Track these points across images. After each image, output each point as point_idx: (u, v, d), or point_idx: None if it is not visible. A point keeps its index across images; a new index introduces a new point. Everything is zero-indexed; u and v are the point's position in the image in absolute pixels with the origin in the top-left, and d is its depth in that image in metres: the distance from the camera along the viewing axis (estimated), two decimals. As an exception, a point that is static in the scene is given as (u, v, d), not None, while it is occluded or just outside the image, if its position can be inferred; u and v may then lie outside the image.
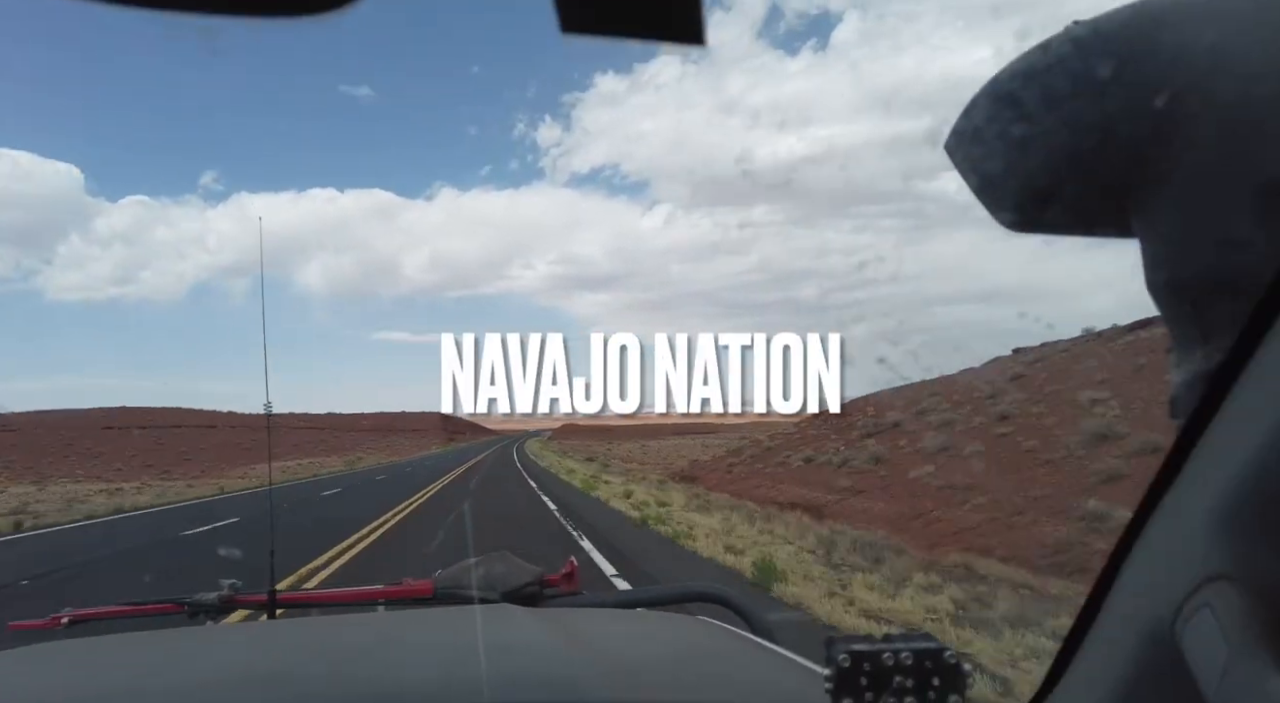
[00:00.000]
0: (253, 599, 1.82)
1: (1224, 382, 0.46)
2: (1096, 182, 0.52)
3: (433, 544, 11.03)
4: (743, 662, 1.27)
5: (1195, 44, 0.48)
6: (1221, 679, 0.43)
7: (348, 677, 1.11)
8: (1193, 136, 0.48)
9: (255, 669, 1.17)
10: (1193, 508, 0.49)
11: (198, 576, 2.26)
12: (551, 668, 1.10)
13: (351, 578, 7.30)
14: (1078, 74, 0.51)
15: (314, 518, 17.44)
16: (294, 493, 28.36)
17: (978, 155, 0.57)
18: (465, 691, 0.99)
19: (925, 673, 0.66)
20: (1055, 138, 0.52)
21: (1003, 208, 0.57)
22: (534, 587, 1.78)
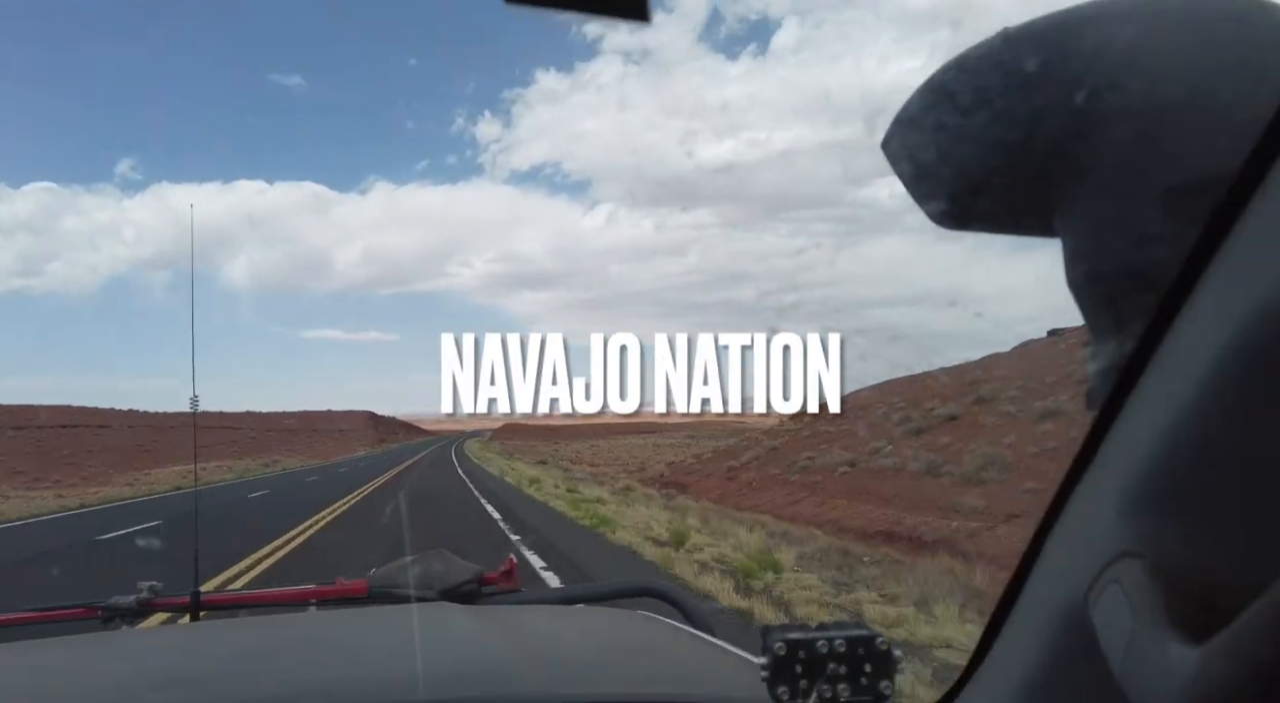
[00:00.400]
0: (174, 602, 1.73)
1: (1134, 371, 0.48)
2: (1023, 174, 0.55)
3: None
4: (681, 655, 1.30)
5: (1114, 45, 0.50)
6: (1127, 651, 0.45)
7: (276, 678, 1.08)
8: (1110, 134, 0.50)
9: (175, 672, 1.13)
10: (1105, 491, 0.51)
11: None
12: (487, 664, 1.10)
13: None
14: (1008, 70, 0.53)
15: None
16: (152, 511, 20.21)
17: (913, 145, 0.59)
18: (399, 688, 0.98)
19: (857, 660, 0.69)
20: (986, 131, 0.55)
21: (935, 198, 0.60)
22: (472, 585, 1.74)
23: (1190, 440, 0.43)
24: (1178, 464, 0.44)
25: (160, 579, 1.68)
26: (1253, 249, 0.40)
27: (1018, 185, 0.55)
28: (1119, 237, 0.51)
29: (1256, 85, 0.46)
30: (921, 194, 0.60)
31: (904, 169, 0.60)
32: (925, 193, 0.60)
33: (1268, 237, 0.39)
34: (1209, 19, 0.50)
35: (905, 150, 0.60)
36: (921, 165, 0.59)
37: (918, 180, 0.60)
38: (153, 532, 14.96)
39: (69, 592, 1.86)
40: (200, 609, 1.74)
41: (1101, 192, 0.51)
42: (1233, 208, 0.41)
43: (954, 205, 0.59)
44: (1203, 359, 0.42)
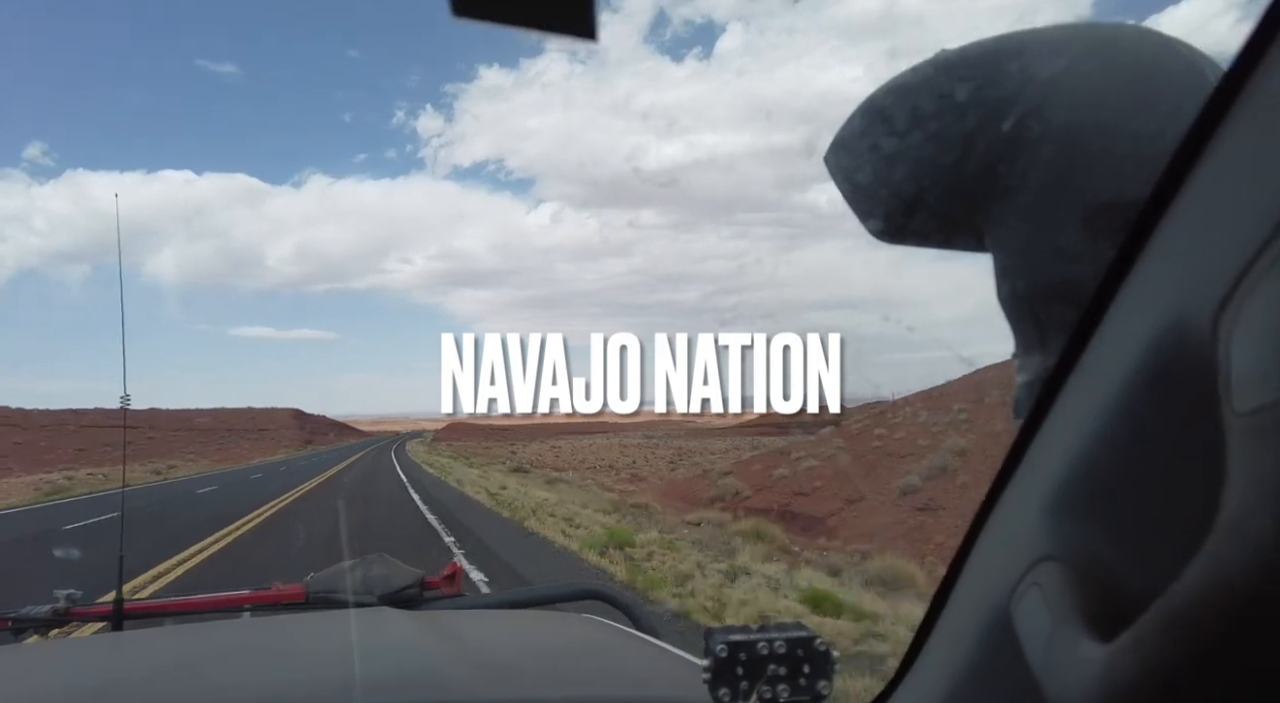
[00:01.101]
0: (95, 611, 1.69)
1: (1056, 382, 0.51)
2: (955, 193, 0.58)
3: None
4: (624, 657, 1.29)
5: (1039, 75, 0.54)
6: (1045, 651, 0.47)
7: (202, 687, 1.05)
8: (1034, 157, 0.53)
9: (93, 685, 1.07)
10: (1029, 497, 0.53)
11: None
12: (425, 669, 1.08)
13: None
14: (942, 95, 0.57)
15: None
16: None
17: (851, 165, 0.62)
18: (332, 694, 0.97)
19: (797, 661, 0.70)
20: (920, 152, 0.58)
21: (872, 215, 0.62)
22: (414, 589, 1.71)
23: (1105, 448, 0.45)
24: (1094, 471, 0.47)
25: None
26: (1162, 268, 0.43)
27: (949, 204, 0.58)
28: (1042, 255, 0.54)
29: (1167, 119, 0.50)
30: (860, 211, 0.63)
31: (844, 187, 0.63)
32: (864, 210, 0.63)
33: (1175, 257, 0.41)
34: (1128, 57, 0.54)
35: (844, 170, 0.63)
36: (859, 184, 0.62)
37: (856, 198, 0.63)
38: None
39: None
40: (124, 618, 1.64)
41: (1026, 212, 0.55)
42: (1144, 230, 0.43)
43: (890, 223, 0.61)
44: (1117, 372, 0.44)
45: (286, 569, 3.82)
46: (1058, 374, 0.51)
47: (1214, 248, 0.37)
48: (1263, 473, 0.32)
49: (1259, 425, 0.32)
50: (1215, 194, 0.39)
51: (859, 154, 0.61)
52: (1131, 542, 0.45)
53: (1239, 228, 0.35)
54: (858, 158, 0.61)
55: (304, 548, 11.76)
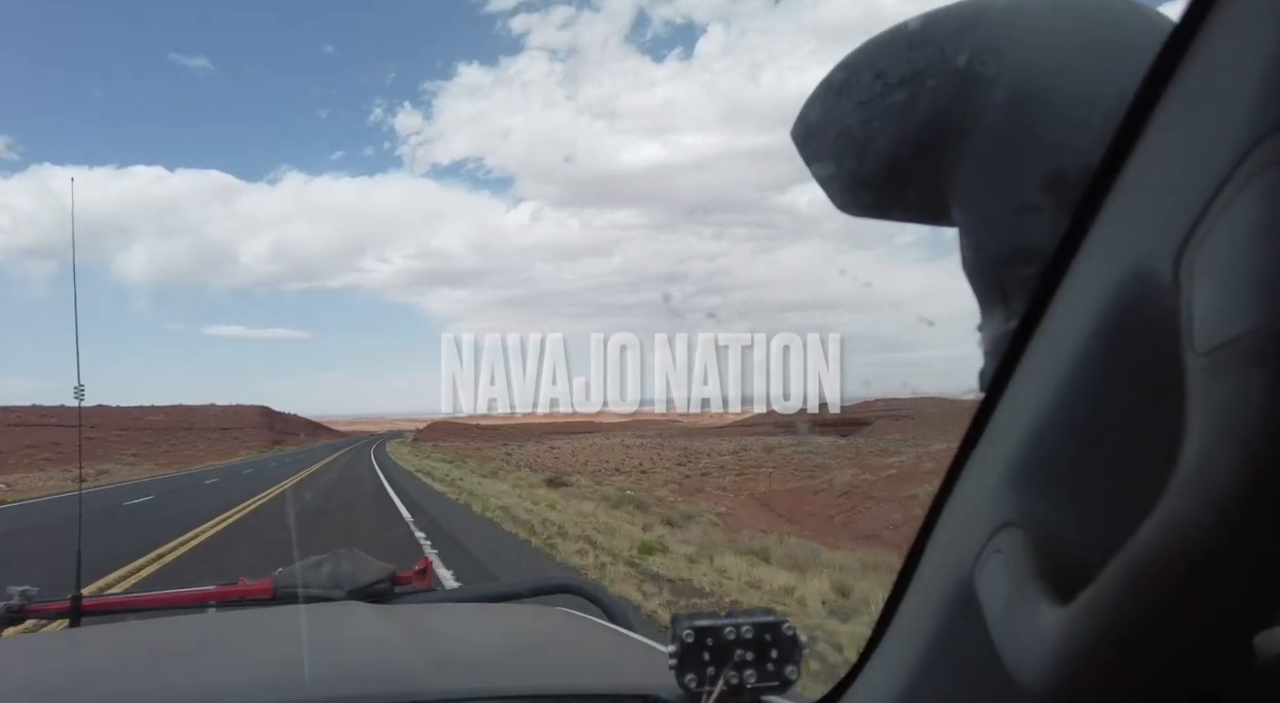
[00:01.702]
0: (51, 608, 1.64)
1: (1017, 349, 0.50)
2: (906, 137, 0.56)
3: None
4: (593, 647, 1.29)
5: (991, 11, 0.53)
6: (1005, 615, 0.47)
7: (160, 682, 1.03)
8: (988, 98, 0.52)
9: (46, 682, 1.06)
10: (991, 466, 0.52)
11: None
12: (389, 661, 1.08)
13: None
14: (895, 37, 0.57)
15: None
16: None
17: (812, 119, 0.62)
18: (289, 688, 0.95)
19: (764, 645, 0.71)
20: (870, 91, 0.57)
21: (822, 160, 0.62)
22: (384, 584, 1.68)
23: (1066, 410, 0.45)
24: (1055, 434, 0.46)
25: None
26: (1118, 230, 0.42)
27: (903, 150, 0.57)
28: (1001, 211, 0.53)
29: (1121, 68, 0.49)
30: (810, 155, 0.63)
31: (796, 132, 0.64)
32: (812, 155, 0.63)
33: (1136, 206, 0.41)
34: (1089, 13, 0.53)
35: (801, 121, 0.63)
36: (808, 127, 0.62)
37: (805, 143, 0.63)
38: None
39: None
40: (81, 615, 1.61)
41: (983, 162, 0.53)
42: (1103, 181, 0.43)
43: (839, 170, 0.61)
44: (1077, 330, 0.44)
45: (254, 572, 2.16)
46: (1018, 339, 0.50)
47: (1172, 192, 0.37)
48: (1222, 410, 0.32)
49: (1219, 362, 0.32)
50: (1173, 138, 0.38)
51: (814, 103, 0.61)
52: (1092, 503, 0.45)
53: (1196, 171, 0.35)
54: (811, 107, 0.61)
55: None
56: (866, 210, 0.62)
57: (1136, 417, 0.41)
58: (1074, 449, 0.45)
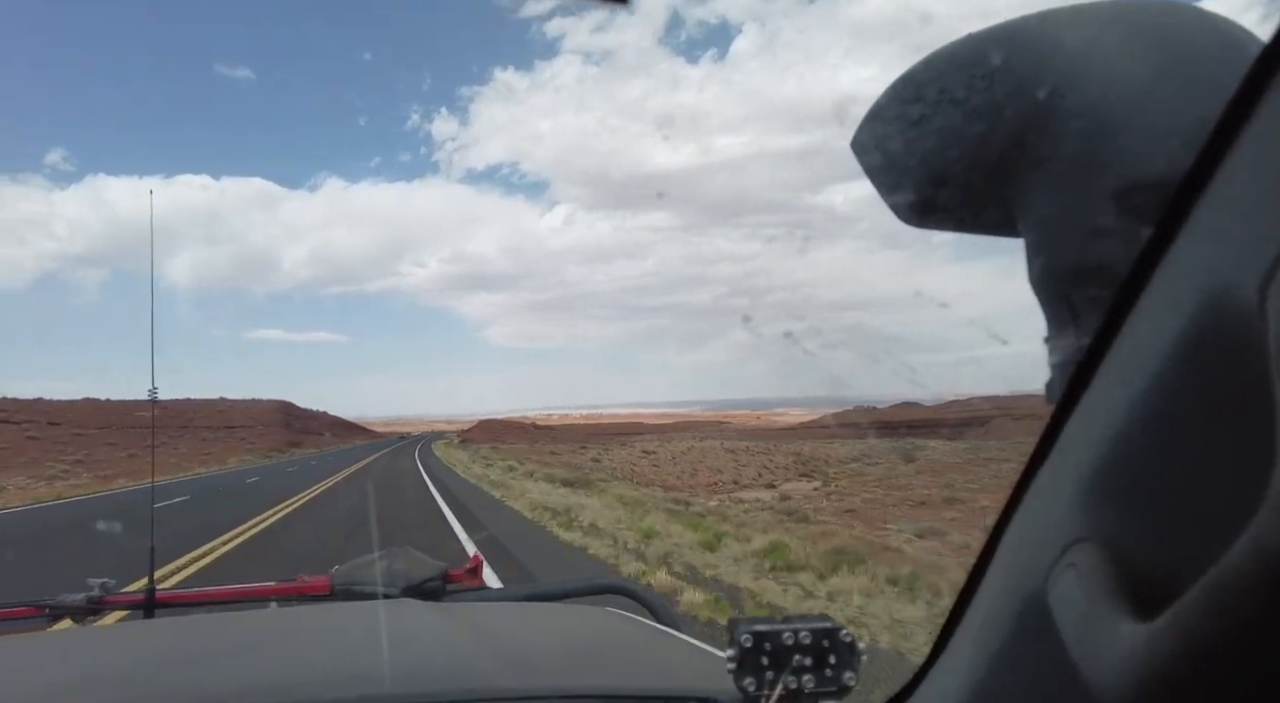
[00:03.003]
0: (127, 600, 1.71)
1: (1091, 363, 0.50)
2: (983, 165, 0.56)
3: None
4: (647, 649, 1.30)
5: (1069, 46, 0.53)
6: (1081, 631, 0.47)
7: (232, 672, 1.07)
8: (1064, 128, 0.52)
9: (126, 670, 1.10)
10: (1062, 480, 0.52)
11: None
12: (450, 659, 1.10)
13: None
14: (973, 66, 0.56)
15: None
16: None
17: (880, 137, 0.62)
18: (359, 683, 0.97)
19: (822, 651, 0.71)
20: (949, 123, 0.57)
21: (900, 190, 0.62)
22: (436, 582, 1.72)
23: (1144, 427, 0.45)
24: (1131, 452, 0.46)
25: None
26: (1203, 242, 0.42)
27: (977, 176, 0.57)
28: (1073, 232, 0.53)
29: (1198, 92, 0.49)
30: (887, 185, 0.62)
31: (871, 161, 0.63)
32: (891, 185, 0.62)
33: (1217, 230, 0.41)
34: (1159, 28, 0.53)
35: (873, 142, 0.62)
36: (888, 157, 0.61)
37: (884, 172, 0.62)
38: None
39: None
40: (155, 607, 1.69)
41: (1056, 187, 0.53)
42: (1182, 204, 0.43)
43: (918, 197, 0.60)
44: (1156, 349, 0.44)
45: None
46: (1093, 354, 0.50)
47: (1259, 218, 0.37)
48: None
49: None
50: (1261, 158, 0.38)
51: (889, 126, 0.60)
52: (1173, 522, 0.44)
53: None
54: (886, 131, 0.61)
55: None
56: (929, 225, 0.62)
57: (1219, 436, 0.41)
58: (1154, 467, 0.45)
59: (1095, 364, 0.49)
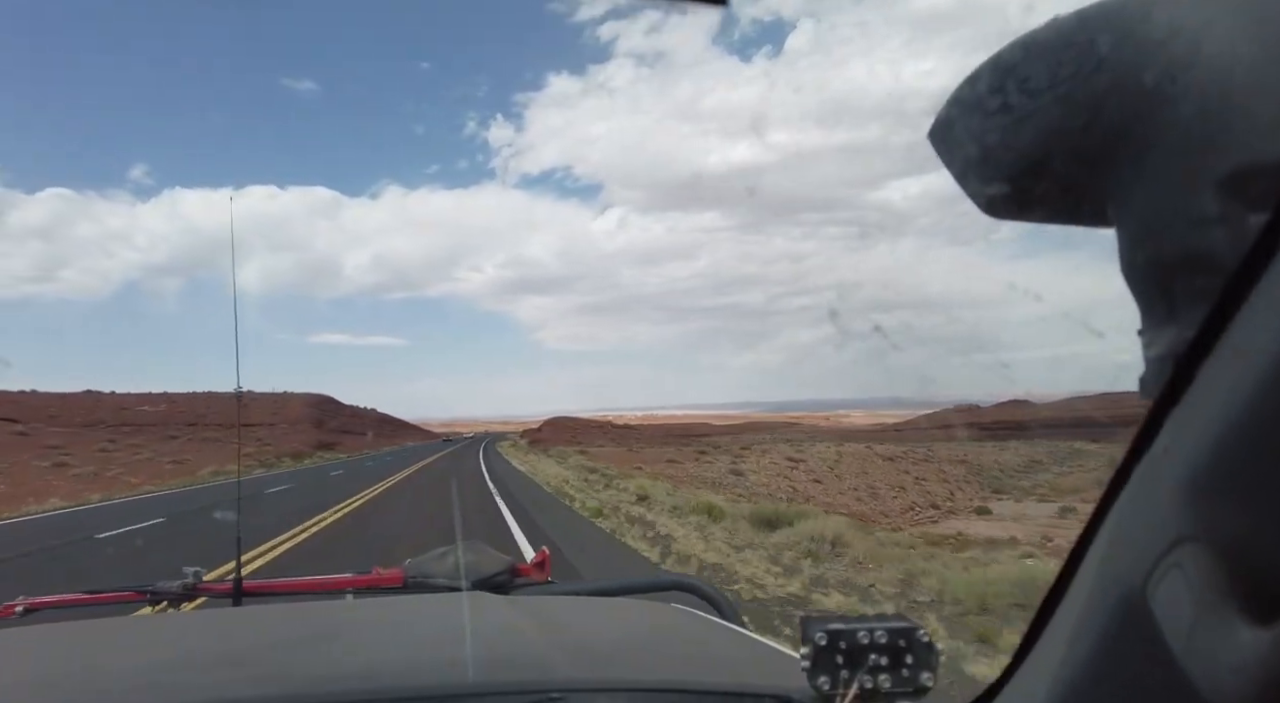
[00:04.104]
0: (217, 588, 1.81)
1: (1194, 356, 0.48)
2: (1083, 156, 0.54)
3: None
4: (717, 645, 1.30)
5: (1180, 28, 0.50)
6: (1190, 634, 0.45)
7: (315, 659, 1.11)
8: (1173, 116, 0.50)
9: (219, 652, 1.17)
10: (1163, 477, 0.50)
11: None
12: (524, 651, 1.11)
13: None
14: (1071, 52, 0.53)
15: None
16: None
17: (969, 129, 0.58)
18: (439, 672, 1.00)
19: (898, 651, 0.69)
20: (1048, 112, 0.54)
21: (990, 183, 0.58)
22: (505, 576, 1.77)
23: (1255, 425, 0.43)
24: (1242, 450, 0.44)
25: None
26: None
27: (1076, 168, 0.54)
28: (1176, 222, 0.50)
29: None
30: (975, 180, 0.59)
31: (956, 154, 0.59)
32: (979, 178, 0.58)
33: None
34: (1272, 5, 0.50)
35: (964, 132, 0.58)
36: (977, 149, 0.58)
37: (971, 166, 0.59)
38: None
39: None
40: (242, 595, 1.78)
41: (1160, 176, 0.51)
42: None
43: (1011, 189, 0.57)
44: (1268, 344, 0.42)
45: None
46: (1196, 346, 0.48)
47: None
48: None
49: None
50: None
51: (976, 118, 0.57)
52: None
53: None
54: (975, 122, 0.57)
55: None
56: (1014, 217, 0.59)
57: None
58: (1268, 465, 0.42)
59: (1200, 357, 0.47)
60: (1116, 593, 0.53)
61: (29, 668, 1.12)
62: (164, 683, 1.00)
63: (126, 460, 42.63)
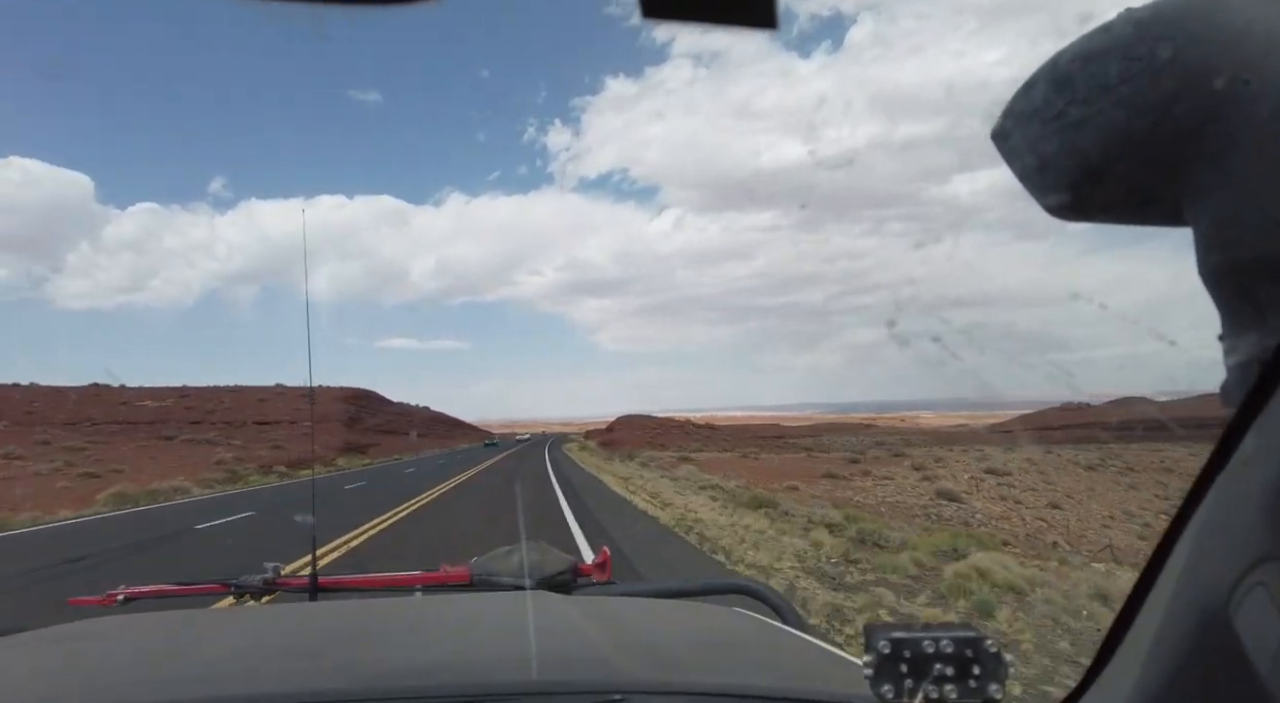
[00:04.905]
0: (294, 583, 1.92)
1: (1279, 365, 0.47)
2: (1151, 160, 0.52)
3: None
4: (778, 650, 1.30)
5: (1252, 26, 0.48)
6: (1277, 657, 0.44)
7: (386, 653, 1.14)
8: (1249, 116, 0.48)
9: (298, 644, 1.23)
10: (1245, 493, 0.49)
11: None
12: (588, 650, 1.12)
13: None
14: (1135, 55, 0.51)
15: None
16: None
17: (1031, 136, 0.57)
18: (506, 669, 1.02)
19: (966, 661, 0.67)
20: (1110, 117, 0.52)
21: (1055, 190, 0.57)
22: (567, 575, 1.80)
23: None
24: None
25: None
26: None
27: (1144, 172, 0.52)
28: (1258, 224, 0.48)
29: None
30: (1039, 186, 0.57)
31: (1020, 161, 0.58)
32: (1043, 185, 0.57)
33: None
34: None
35: (1022, 142, 0.57)
36: (1040, 156, 0.56)
37: (1035, 172, 0.57)
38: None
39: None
40: (318, 591, 1.87)
41: (1237, 177, 0.49)
42: None
43: (1074, 196, 0.55)
44: None
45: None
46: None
47: None
48: None
49: None
50: None
51: (1038, 125, 0.55)
52: None
53: None
54: (1037, 129, 0.56)
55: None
56: (1082, 219, 0.57)
57: None
58: None
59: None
60: (1197, 609, 0.52)
61: (133, 650, 1.23)
62: (249, 670, 1.06)
63: (30, 470, 30.39)
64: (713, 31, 0.40)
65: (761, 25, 0.41)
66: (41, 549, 11.35)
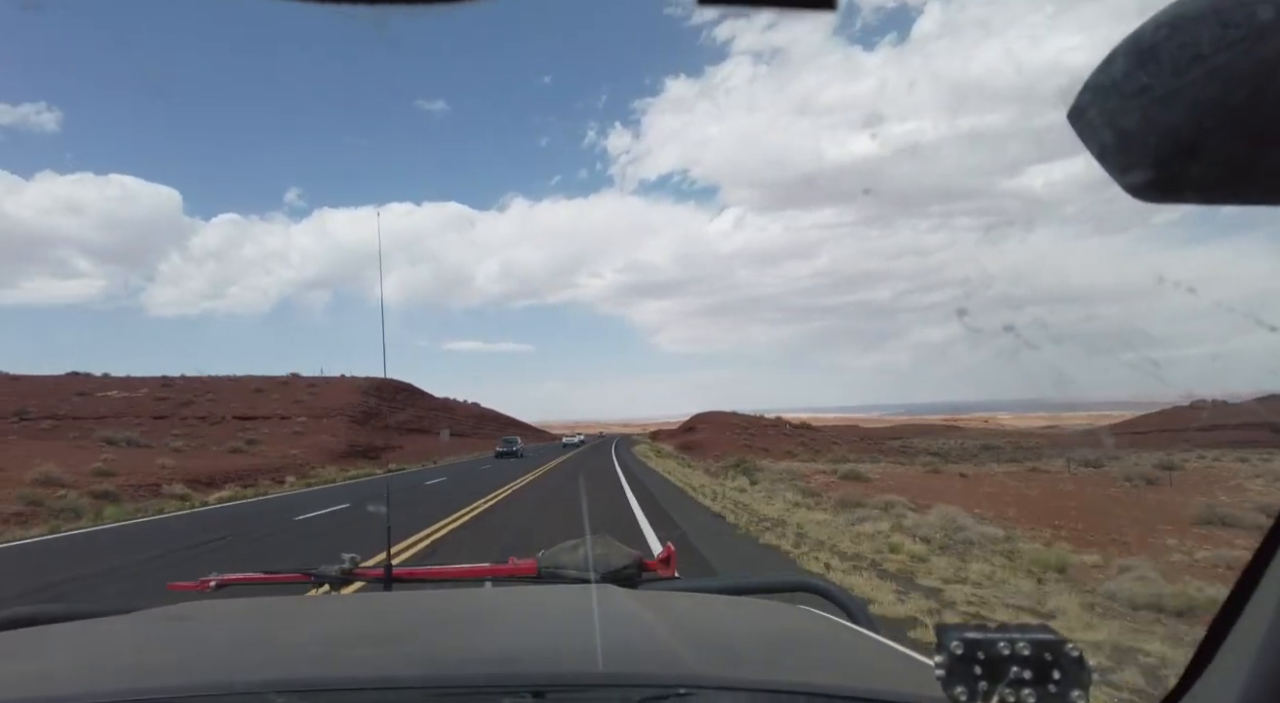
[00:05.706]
0: (371, 573, 2.02)
1: None
2: (1247, 133, 0.48)
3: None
4: (847, 649, 1.29)
5: None
6: None
7: (458, 642, 1.19)
8: None
9: (375, 632, 1.26)
10: None
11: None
12: (654, 645, 1.13)
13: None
14: (1229, 22, 0.47)
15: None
16: None
17: (1113, 111, 0.53)
18: (574, 661, 1.04)
19: (1044, 665, 0.65)
20: (1202, 89, 0.49)
21: (1138, 168, 0.53)
22: (633, 569, 1.84)
23: None
24: None
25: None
26: None
27: (1240, 148, 0.49)
28: None
29: None
30: (1119, 165, 0.54)
31: (1101, 138, 0.54)
32: (1125, 163, 0.54)
33: None
34: None
35: (1100, 117, 0.54)
36: (1120, 132, 0.53)
37: (1115, 150, 0.54)
38: None
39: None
40: (392, 581, 1.98)
41: None
42: None
43: (1161, 174, 0.52)
44: None
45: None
46: None
47: None
48: None
49: None
50: None
51: (1122, 99, 0.52)
52: None
53: None
54: (1119, 103, 0.52)
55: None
56: (1171, 200, 0.54)
57: None
58: None
59: None
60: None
61: (228, 633, 1.29)
62: (331, 655, 1.11)
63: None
64: (768, 13, 0.39)
65: (819, 6, 0.39)
66: None
